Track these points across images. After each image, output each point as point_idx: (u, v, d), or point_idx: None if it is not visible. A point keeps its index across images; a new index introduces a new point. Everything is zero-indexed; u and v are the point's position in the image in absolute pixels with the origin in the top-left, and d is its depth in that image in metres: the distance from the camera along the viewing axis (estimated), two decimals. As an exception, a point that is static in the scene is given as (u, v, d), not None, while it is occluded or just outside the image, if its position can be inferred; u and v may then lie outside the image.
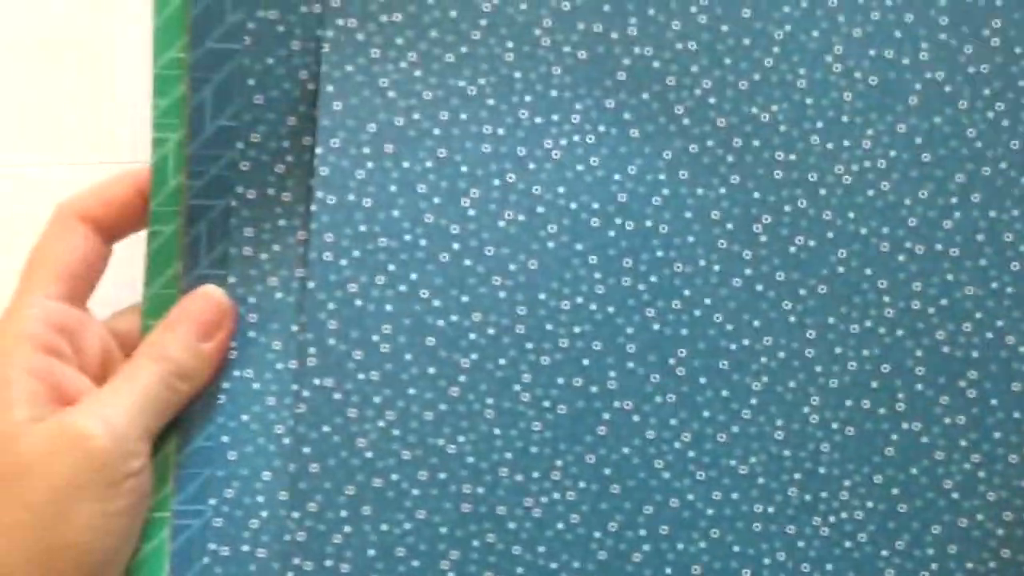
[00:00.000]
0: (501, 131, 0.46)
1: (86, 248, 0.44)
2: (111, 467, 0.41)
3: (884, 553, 0.45)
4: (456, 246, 0.45)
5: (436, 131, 0.45)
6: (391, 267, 0.45)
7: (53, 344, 0.42)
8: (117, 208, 0.45)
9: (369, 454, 0.45)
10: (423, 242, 0.45)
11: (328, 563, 0.45)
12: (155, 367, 0.43)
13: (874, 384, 0.46)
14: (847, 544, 0.45)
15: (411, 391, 0.45)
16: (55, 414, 0.41)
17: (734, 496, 0.46)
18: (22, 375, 0.41)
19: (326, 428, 0.45)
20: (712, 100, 0.46)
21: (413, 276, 0.45)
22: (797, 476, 0.46)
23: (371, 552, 0.45)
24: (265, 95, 0.45)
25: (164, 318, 0.44)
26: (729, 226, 0.46)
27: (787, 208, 0.46)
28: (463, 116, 0.45)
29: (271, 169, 0.45)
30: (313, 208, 0.45)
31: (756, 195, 0.46)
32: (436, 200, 0.45)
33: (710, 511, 0.46)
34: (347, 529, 0.45)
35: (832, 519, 0.46)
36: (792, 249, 0.46)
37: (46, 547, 0.40)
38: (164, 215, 0.45)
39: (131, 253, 0.46)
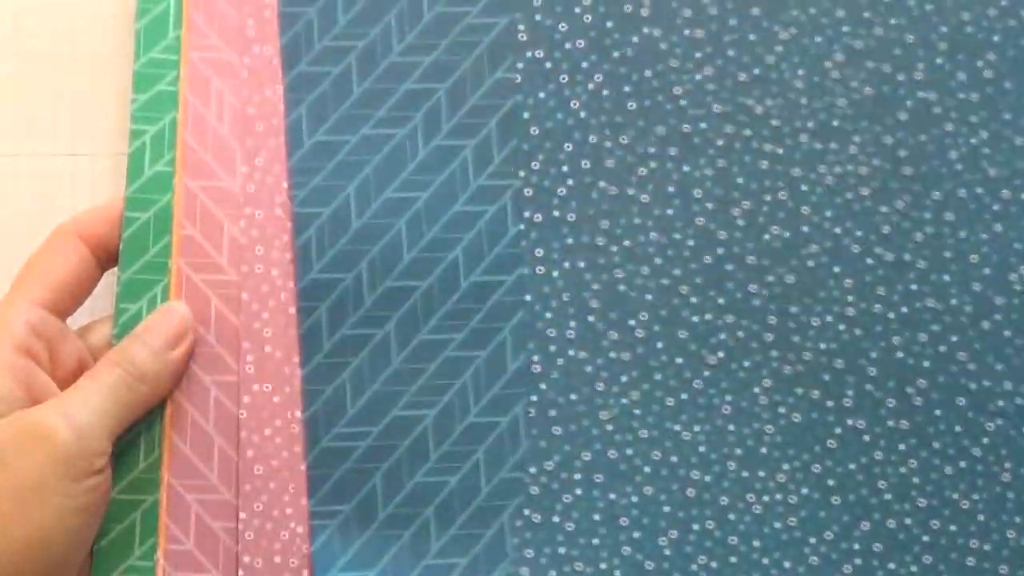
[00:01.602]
0: (780, 151, 0.48)
1: (77, 264, 0.45)
2: (74, 464, 0.41)
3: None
4: (720, 251, 0.48)
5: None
6: (658, 261, 0.47)
7: (32, 347, 0.43)
8: (117, 225, 0.46)
9: (610, 427, 0.46)
10: (691, 242, 0.47)
11: (555, 519, 0.46)
12: (118, 369, 0.43)
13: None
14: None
15: (657, 376, 0.47)
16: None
17: (952, 528, 0.47)
18: None
19: (573, 396, 0.46)
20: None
21: (677, 272, 0.47)
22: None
23: (596, 516, 0.46)
24: (540, 126, 0.47)
25: (132, 331, 0.46)
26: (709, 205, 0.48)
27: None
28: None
29: (554, 192, 0.47)
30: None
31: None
32: (709, 205, 0.48)
33: (926, 538, 0.47)
34: (577, 491, 0.46)
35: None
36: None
37: (8, 542, 0.40)
38: (140, 202, 0.47)
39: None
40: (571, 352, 0.47)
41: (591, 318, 0.47)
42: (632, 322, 0.47)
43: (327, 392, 0.46)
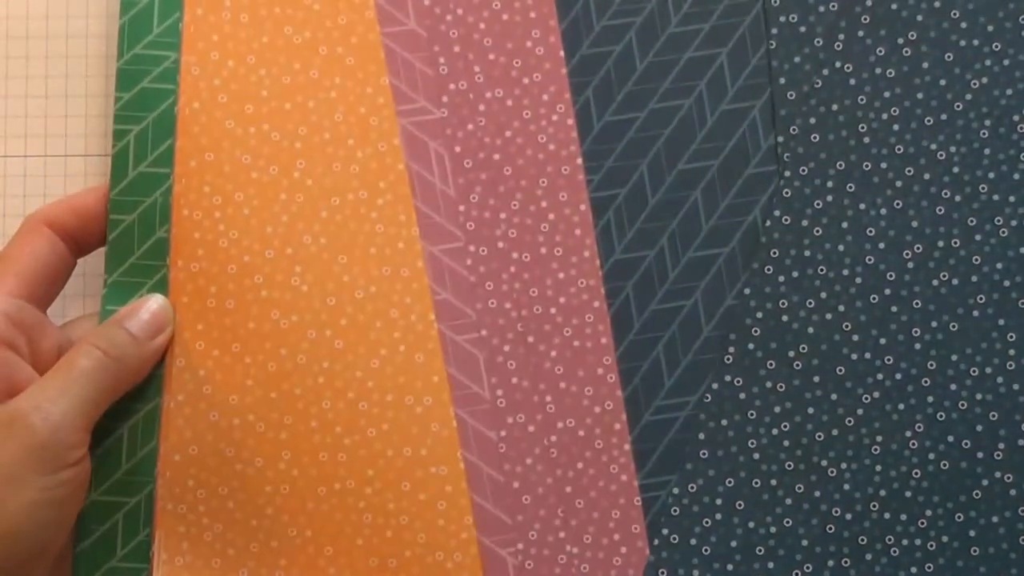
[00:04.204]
0: (958, 198, 0.48)
1: (49, 253, 0.45)
2: (49, 458, 0.41)
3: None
4: (888, 291, 0.48)
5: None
6: (823, 295, 0.48)
7: (10, 337, 0.43)
8: (84, 216, 0.46)
9: (756, 455, 0.47)
10: (859, 280, 0.47)
11: (692, 541, 0.46)
12: (96, 351, 0.43)
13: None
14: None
15: (810, 410, 0.47)
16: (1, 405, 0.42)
17: None
18: None
19: (724, 421, 0.47)
20: None
21: (841, 308, 0.47)
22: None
23: (733, 543, 0.47)
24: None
25: (111, 317, 0.46)
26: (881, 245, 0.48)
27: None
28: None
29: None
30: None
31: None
32: (881, 245, 0.48)
33: None
34: (718, 516, 0.47)
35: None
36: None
37: None
38: (124, 204, 0.47)
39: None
40: (727, 377, 0.47)
41: (750, 345, 0.47)
42: (791, 353, 0.47)
43: (644, 368, 0.47)
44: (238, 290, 0.47)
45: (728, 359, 0.47)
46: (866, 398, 0.47)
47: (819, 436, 0.47)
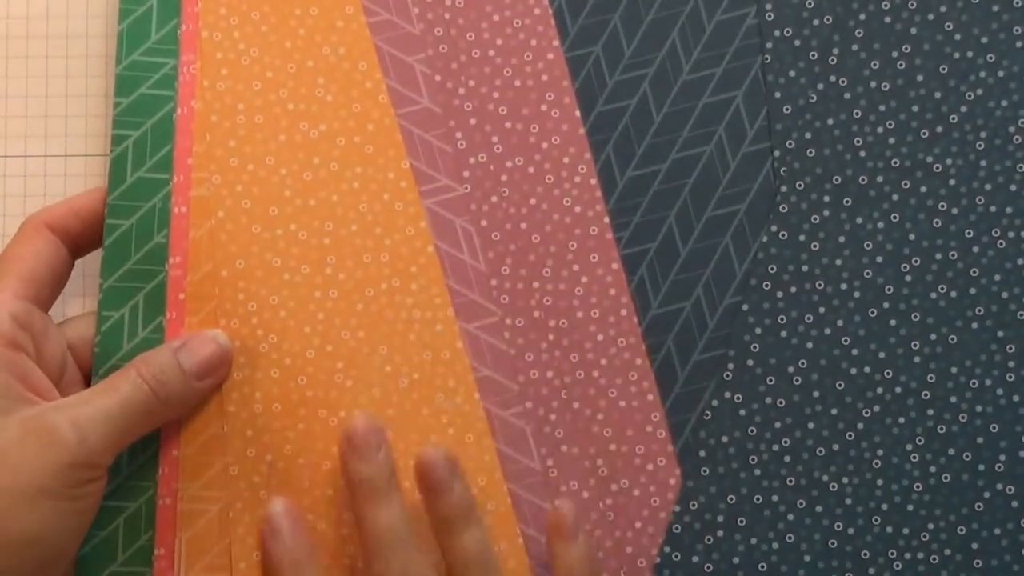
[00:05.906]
0: (955, 211, 0.48)
1: (51, 254, 0.45)
2: (76, 474, 0.41)
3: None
4: (886, 305, 0.48)
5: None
6: (822, 310, 0.48)
7: (19, 340, 0.43)
8: (84, 218, 0.46)
9: (757, 471, 0.47)
10: (857, 294, 0.47)
11: (695, 559, 0.46)
12: (145, 386, 0.43)
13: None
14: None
15: (810, 425, 0.47)
16: (29, 406, 0.42)
17: None
18: None
19: (725, 438, 0.47)
20: None
21: (840, 322, 0.47)
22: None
23: (736, 560, 0.46)
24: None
25: (169, 341, 0.46)
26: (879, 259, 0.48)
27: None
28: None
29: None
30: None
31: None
32: (879, 259, 0.48)
33: None
34: (720, 533, 0.46)
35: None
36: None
37: (2, 538, 0.40)
38: (122, 209, 0.47)
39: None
40: (726, 393, 0.47)
41: (750, 362, 0.47)
42: (791, 369, 0.47)
43: (693, 420, 0.47)
44: (283, 393, 0.47)
45: (727, 376, 0.47)
46: (866, 412, 0.47)
47: (820, 451, 0.47)
